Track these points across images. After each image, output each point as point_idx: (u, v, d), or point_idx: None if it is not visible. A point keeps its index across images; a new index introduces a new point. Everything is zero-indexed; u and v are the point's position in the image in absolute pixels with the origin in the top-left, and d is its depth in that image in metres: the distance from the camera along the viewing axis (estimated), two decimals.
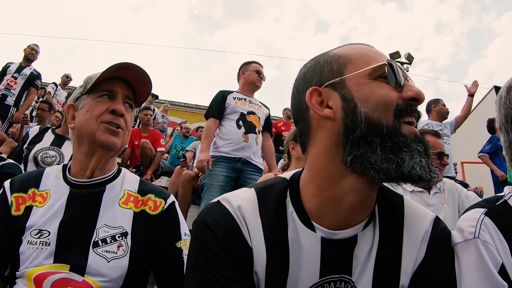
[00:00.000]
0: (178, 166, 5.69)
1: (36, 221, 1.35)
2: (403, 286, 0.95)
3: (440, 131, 5.38)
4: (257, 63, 4.20)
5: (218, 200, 1.01)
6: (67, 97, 3.36)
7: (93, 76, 1.50)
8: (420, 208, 1.06)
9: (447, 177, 5.00)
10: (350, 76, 0.92)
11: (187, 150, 6.84)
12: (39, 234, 1.33)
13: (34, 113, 8.34)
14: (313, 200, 0.96)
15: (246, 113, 3.92)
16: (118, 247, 1.35)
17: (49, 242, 1.31)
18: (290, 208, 0.98)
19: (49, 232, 1.33)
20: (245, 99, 4.03)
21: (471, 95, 5.93)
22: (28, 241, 1.32)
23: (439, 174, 2.88)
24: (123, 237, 1.37)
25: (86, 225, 1.36)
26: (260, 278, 0.94)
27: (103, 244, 1.34)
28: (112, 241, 1.35)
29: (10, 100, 6.16)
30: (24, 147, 3.08)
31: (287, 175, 1.08)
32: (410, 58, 15.97)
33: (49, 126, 3.34)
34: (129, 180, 1.54)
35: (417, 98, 0.90)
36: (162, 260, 1.43)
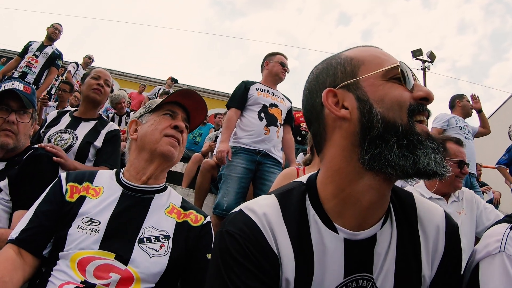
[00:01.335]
0: (196, 153, 5.68)
1: (89, 210, 1.53)
2: (424, 276, 0.99)
3: (466, 126, 5.24)
4: (282, 54, 4.12)
5: (241, 209, 1.02)
6: (83, 77, 3.29)
7: (157, 100, 1.84)
8: (429, 203, 1.10)
9: (469, 173, 4.92)
10: (364, 78, 0.94)
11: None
12: (90, 222, 1.50)
13: (53, 91, 8.36)
14: (332, 200, 0.98)
15: (268, 105, 3.86)
16: (161, 246, 1.52)
17: (98, 230, 1.48)
18: (311, 211, 1.00)
19: (100, 222, 1.50)
20: (268, 91, 3.97)
21: (479, 110, 5.60)
22: (78, 225, 1.48)
23: (460, 183, 2.92)
24: (166, 239, 1.55)
25: (134, 223, 1.55)
26: (291, 284, 0.95)
27: (148, 241, 1.51)
28: (156, 240, 1.53)
29: (30, 78, 6.13)
30: (41, 131, 3.07)
31: (303, 178, 1.10)
32: (432, 57, 15.87)
33: (67, 109, 3.30)
34: (174, 195, 1.77)
35: (427, 98, 0.93)
36: (192, 267, 1.58)
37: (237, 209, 1.03)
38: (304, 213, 1.00)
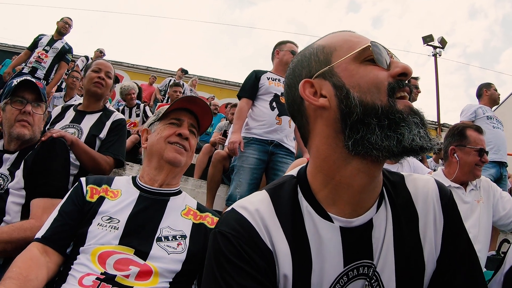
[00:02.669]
0: (206, 144, 5.66)
1: (108, 209, 1.62)
2: (429, 255, 0.98)
3: (494, 116, 5.16)
4: (292, 43, 4.04)
5: (233, 208, 1.01)
6: (85, 69, 3.23)
7: (165, 107, 1.92)
8: (419, 178, 1.09)
9: (500, 162, 4.86)
10: (337, 64, 0.94)
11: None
12: (110, 220, 1.58)
13: (63, 85, 8.37)
14: (324, 190, 0.97)
15: (280, 94, 3.80)
16: (178, 245, 1.58)
17: (118, 227, 1.55)
18: (304, 203, 0.99)
19: (119, 220, 1.58)
20: (279, 80, 3.90)
21: None
22: (98, 223, 1.57)
23: (480, 171, 2.89)
24: (183, 238, 1.61)
25: (151, 222, 1.63)
26: (289, 280, 0.93)
27: (165, 240, 1.58)
28: (173, 239, 1.59)
29: (40, 73, 6.14)
30: (46, 128, 3.02)
31: (294, 172, 1.09)
32: (443, 42, 15.71)
33: (70, 104, 3.26)
34: (189, 199, 1.85)
35: (406, 73, 0.91)
36: None
37: (229, 208, 1.03)
38: (297, 206, 0.99)
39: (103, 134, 2.93)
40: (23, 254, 1.48)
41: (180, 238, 1.61)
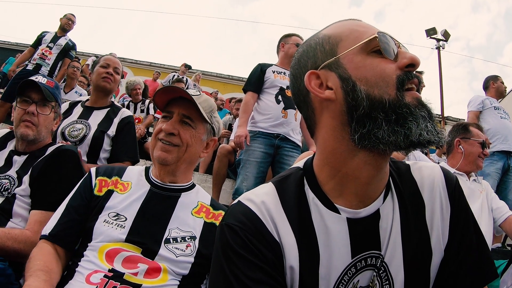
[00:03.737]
0: None
1: (116, 205, 1.56)
2: (436, 245, 0.97)
3: (500, 107, 5.23)
4: (298, 36, 4.01)
5: (239, 201, 1.01)
6: (93, 65, 3.24)
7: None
8: (424, 166, 1.08)
9: (507, 153, 4.91)
10: (343, 54, 0.92)
11: None
12: (117, 217, 1.53)
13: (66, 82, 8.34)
14: (330, 181, 0.97)
15: (285, 87, 3.79)
16: (187, 246, 1.53)
17: (124, 226, 1.51)
18: (310, 195, 0.98)
19: (126, 218, 1.53)
20: (284, 73, 3.89)
21: None
22: (105, 220, 1.52)
23: (482, 162, 3.15)
24: (192, 240, 1.56)
25: (160, 221, 1.57)
26: (296, 272, 0.93)
27: (174, 242, 1.53)
28: (182, 241, 1.54)
29: (44, 70, 6.10)
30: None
31: (300, 163, 1.08)
32: (446, 35, 15.66)
33: (78, 100, 3.24)
34: (203, 194, 1.76)
35: (413, 64, 0.89)
36: None
37: (235, 201, 1.02)
38: (304, 198, 0.98)
39: (111, 131, 2.91)
40: (41, 249, 1.48)
41: (189, 240, 1.55)
